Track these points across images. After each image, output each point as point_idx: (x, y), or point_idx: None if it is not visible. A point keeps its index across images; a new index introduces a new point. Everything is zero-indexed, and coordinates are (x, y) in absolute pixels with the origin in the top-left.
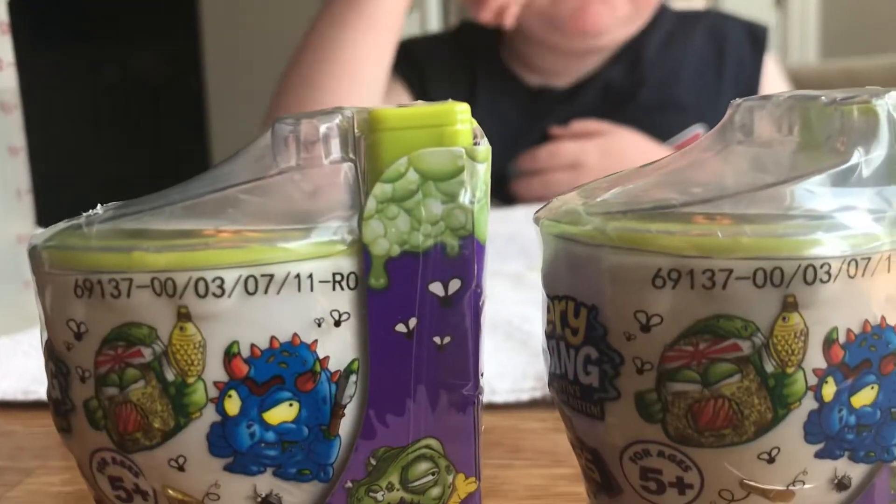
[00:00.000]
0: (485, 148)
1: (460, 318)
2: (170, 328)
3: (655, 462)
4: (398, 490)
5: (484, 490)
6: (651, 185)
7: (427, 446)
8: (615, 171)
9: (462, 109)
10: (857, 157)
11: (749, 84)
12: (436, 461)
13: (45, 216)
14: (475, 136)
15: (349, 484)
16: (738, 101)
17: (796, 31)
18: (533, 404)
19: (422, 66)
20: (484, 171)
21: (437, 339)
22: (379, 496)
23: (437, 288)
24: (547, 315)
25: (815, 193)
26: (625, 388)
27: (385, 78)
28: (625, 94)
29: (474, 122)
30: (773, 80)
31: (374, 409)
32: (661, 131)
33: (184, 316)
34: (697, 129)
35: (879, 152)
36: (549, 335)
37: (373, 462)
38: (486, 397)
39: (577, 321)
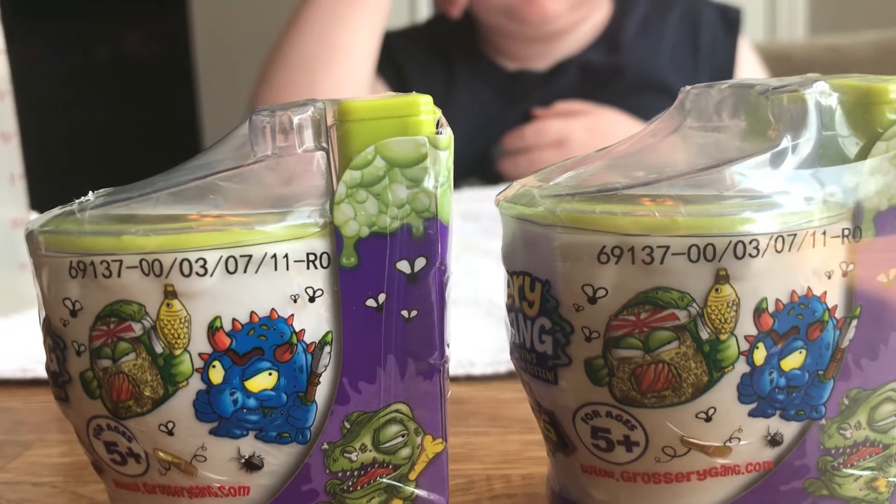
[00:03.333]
0: (447, 136)
1: (426, 294)
2: (157, 305)
3: (604, 422)
4: (371, 451)
5: (460, 455)
6: (599, 170)
7: (397, 411)
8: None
9: (425, 101)
10: (786, 142)
11: (724, 66)
12: (405, 424)
13: (38, 199)
14: (438, 125)
15: (325, 445)
16: (687, 88)
17: (784, 7)
18: (510, 376)
19: (399, 62)
20: (446, 157)
21: (404, 313)
22: (353, 456)
23: (403, 266)
24: (507, 290)
25: (750, 176)
26: (575, 355)
27: (374, 61)
28: (604, 77)
29: (438, 111)
30: (747, 63)
31: (348, 377)
32: (641, 113)
33: (170, 294)
34: None
35: (808, 137)
36: (510, 308)
37: (347, 425)
38: (466, 370)
39: (532, 294)
